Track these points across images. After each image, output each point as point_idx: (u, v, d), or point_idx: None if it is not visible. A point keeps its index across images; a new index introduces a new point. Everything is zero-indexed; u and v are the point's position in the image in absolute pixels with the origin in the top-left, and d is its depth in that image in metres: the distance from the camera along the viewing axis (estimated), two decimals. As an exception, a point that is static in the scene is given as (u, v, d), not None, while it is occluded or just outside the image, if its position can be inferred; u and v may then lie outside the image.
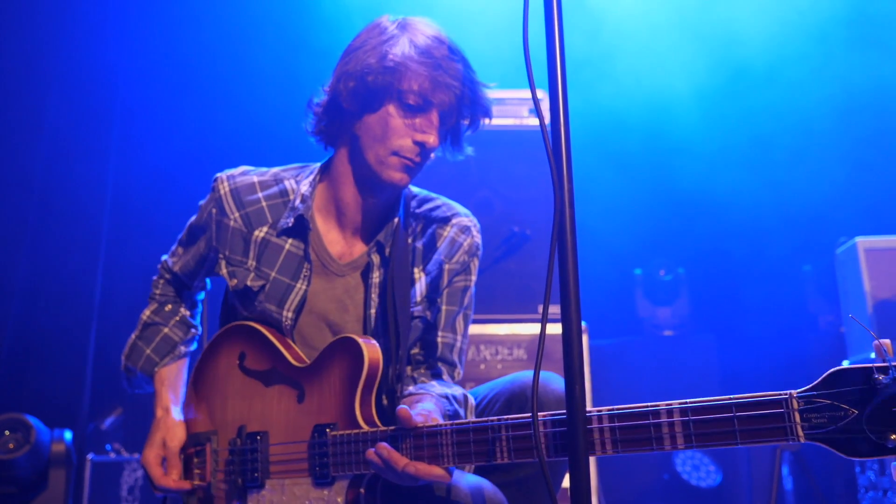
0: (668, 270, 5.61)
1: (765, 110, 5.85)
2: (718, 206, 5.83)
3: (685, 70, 5.95)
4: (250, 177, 2.25)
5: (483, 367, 3.76)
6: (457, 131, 2.19)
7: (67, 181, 4.89)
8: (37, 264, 4.77)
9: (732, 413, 1.36)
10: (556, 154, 1.41)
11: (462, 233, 2.29)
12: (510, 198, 4.01)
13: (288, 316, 2.14)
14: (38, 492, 3.65)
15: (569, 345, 1.34)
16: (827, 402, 1.27)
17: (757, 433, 1.34)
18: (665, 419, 1.43)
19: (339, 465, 1.86)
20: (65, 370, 4.70)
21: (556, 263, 1.39)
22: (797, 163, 5.71)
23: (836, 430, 1.25)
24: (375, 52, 2.04)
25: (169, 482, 2.13)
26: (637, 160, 5.92)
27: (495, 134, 4.11)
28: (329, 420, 1.92)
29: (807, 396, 1.30)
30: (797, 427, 1.30)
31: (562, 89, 1.44)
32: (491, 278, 3.91)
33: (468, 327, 2.32)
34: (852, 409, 1.24)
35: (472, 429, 1.67)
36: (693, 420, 1.40)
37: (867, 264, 4.05)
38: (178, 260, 2.38)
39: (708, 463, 5.05)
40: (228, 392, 2.15)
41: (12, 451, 3.54)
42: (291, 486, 1.95)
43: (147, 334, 2.37)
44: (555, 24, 1.46)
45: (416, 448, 1.72)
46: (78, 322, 4.79)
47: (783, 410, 1.32)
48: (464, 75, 2.07)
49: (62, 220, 4.82)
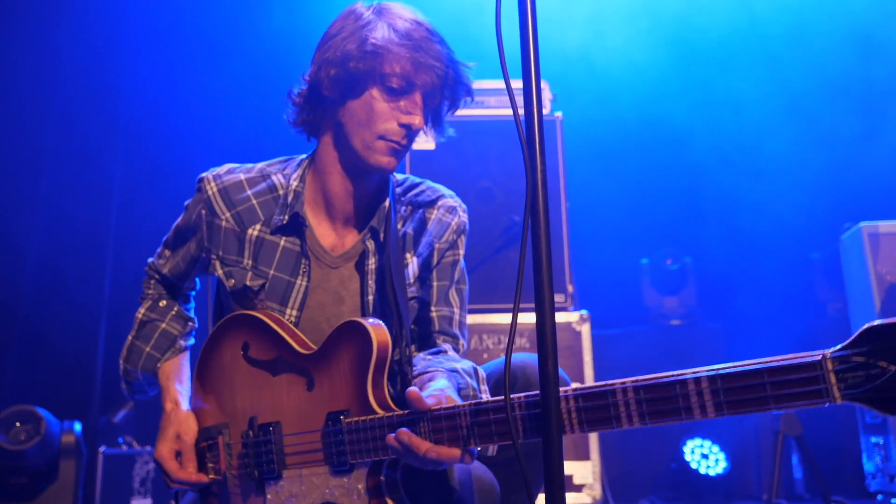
0: (674, 259, 5.61)
1: (769, 97, 5.83)
2: (725, 195, 5.82)
3: (688, 59, 5.94)
4: (237, 175, 2.23)
5: (486, 356, 3.79)
6: (438, 112, 2.18)
7: (76, 176, 4.95)
8: (47, 257, 4.82)
9: (764, 378, 1.33)
10: (530, 140, 1.43)
11: (448, 213, 2.30)
12: (510, 188, 4.03)
13: (292, 314, 2.13)
14: (48, 482, 3.70)
15: (542, 325, 1.35)
16: (862, 360, 1.23)
17: (791, 397, 1.30)
18: (692, 388, 1.40)
19: (357, 452, 1.82)
20: (76, 364, 4.76)
21: (529, 245, 1.40)
22: (804, 149, 5.69)
23: (874, 389, 1.21)
24: (355, 37, 2.04)
25: (188, 475, 2.08)
26: (643, 149, 5.92)
27: (495, 124, 4.13)
28: (342, 407, 1.88)
29: (841, 356, 1.25)
30: (833, 388, 1.26)
31: (535, 77, 1.46)
32: (492, 268, 3.94)
33: (465, 301, 2.32)
34: (891, 366, 1.21)
35: (491, 408, 1.64)
36: (723, 388, 1.37)
37: (871, 249, 4.04)
38: (165, 262, 2.35)
39: (717, 451, 5.06)
40: (235, 384, 2.10)
41: (23, 443, 3.60)
42: (310, 475, 1.92)
43: (145, 332, 2.33)
44: (528, 13, 1.48)
45: (434, 431, 1.70)
46: (89, 317, 4.84)
47: (818, 373, 1.28)
48: (444, 55, 2.07)
49: (72, 213, 4.87)
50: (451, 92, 2.12)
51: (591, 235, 5.40)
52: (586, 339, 3.86)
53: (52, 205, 4.88)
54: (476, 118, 4.15)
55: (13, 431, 3.63)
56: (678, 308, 5.52)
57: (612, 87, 5.90)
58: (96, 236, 4.93)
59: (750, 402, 1.34)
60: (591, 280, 5.10)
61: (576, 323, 3.86)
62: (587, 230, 5.17)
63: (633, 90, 5.91)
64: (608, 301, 5.39)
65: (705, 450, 5.08)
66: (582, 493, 3.70)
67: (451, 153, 4.09)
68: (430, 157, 4.08)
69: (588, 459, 3.74)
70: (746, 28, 5.91)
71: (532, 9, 1.48)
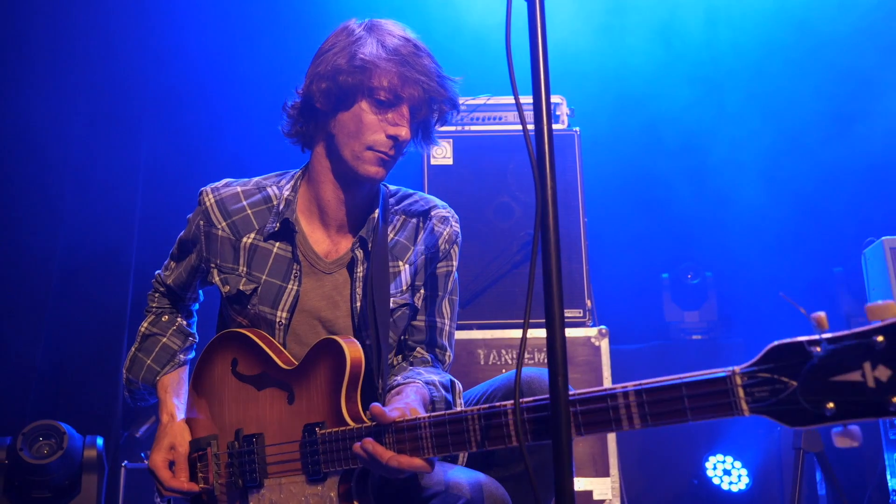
0: (695, 274, 5.57)
1: (792, 111, 5.80)
2: (746, 209, 5.79)
3: (709, 72, 5.94)
4: (234, 187, 2.35)
5: (504, 371, 3.78)
6: (427, 124, 2.28)
7: (99, 192, 5.00)
8: (70, 273, 4.88)
9: (682, 392, 1.41)
10: (539, 156, 1.44)
11: (441, 223, 2.38)
12: (529, 203, 4.03)
13: (282, 316, 2.22)
14: (71, 496, 3.74)
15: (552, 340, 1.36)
16: (767, 376, 1.31)
17: (705, 409, 1.39)
18: (622, 402, 1.49)
19: (329, 461, 1.94)
20: (99, 380, 4.80)
21: (539, 260, 1.42)
22: (827, 163, 5.65)
23: (777, 403, 1.29)
24: (345, 52, 2.16)
25: (179, 484, 2.20)
26: (664, 164, 5.90)
27: (513, 140, 4.14)
28: (318, 419, 2.01)
29: (749, 372, 1.34)
30: (741, 402, 1.34)
31: (545, 93, 1.47)
32: (511, 283, 3.93)
33: (455, 312, 2.41)
34: (791, 381, 1.28)
35: (448, 420, 1.75)
36: (647, 401, 1.45)
37: (893, 263, 4.01)
38: (170, 273, 2.48)
39: (739, 467, 5.01)
40: (224, 397, 2.23)
41: (46, 457, 3.64)
42: (288, 484, 2.04)
43: (146, 345, 2.47)
44: (538, 28, 1.49)
45: (398, 441, 1.81)
46: (111, 333, 4.89)
47: (727, 387, 1.36)
48: (430, 70, 2.17)
49: (96, 229, 4.93)
50: (438, 105, 2.22)
51: (611, 250, 5.38)
52: (605, 354, 3.85)
53: (76, 219, 4.94)
54: (494, 133, 4.17)
55: (36, 446, 3.67)
56: (699, 323, 5.48)
57: (631, 102, 5.90)
58: (119, 252, 4.99)
59: (671, 414, 1.43)
60: (610, 295, 5.09)
61: (594, 338, 3.85)
62: (607, 245, 5.16)
63: (652, 104, 5.91)
64: (628, 316, 5.37)
65: (727, 465, 5.04)
66: (602, 509, 3.69)
67: (469, 168, 4.11)
68: (448, 172, 4.09)
69: (608, 476, 3.72)
70: (767, 39, 5.89)
71: (542, 24, 1.50)
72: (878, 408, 1.19)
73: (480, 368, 3.80)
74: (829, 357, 1.25)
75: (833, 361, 1.24)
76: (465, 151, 4.13)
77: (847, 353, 1.23)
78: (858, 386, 1.21)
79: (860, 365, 1.22)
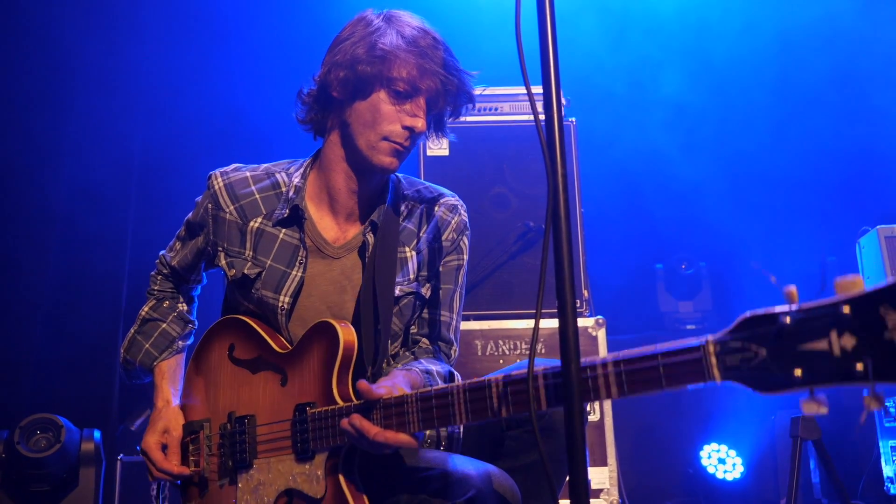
0: (689, 264, 5.60)
1: (783, 102, 5.82)
2: (740, 199, 5.81)
3: (702, 65, 5.95)
4: (243, 172, 2.36)
5: (502, 362, 3.79)
6: (440, 117, 2.28)
7: (93, 186, 4.98)
8: (65, 266, 4.87)
9: (658, 361, 1.45)
10: (550, 145, 1.45)
11: (450, 212, 2.39)
12: (525, 193, 4.03)
13: (285, 301, 2.23)
14: (68, 490, 3.73)
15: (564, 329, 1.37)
16: (739, 345, 1.34)
17: (679, 377, 1.43)
18: (600, 372, 1.52)
19: (318, 439, 1.96)
20: (95, 373, 4.79)
21: (551, 248, 1.42)
22: (820, 152, 5.67)
23: (748, 369, 1.33)
24: (364, 42, 2.15)
25: (170, 467, 2.21)
26: (657, 154, 5.91)
27: (510, 130, 4.14)
28: (309, 399, 2.03)
29: (721, 341, 1.37)
30: (713, 369, 1.37)
31: (555, 81, 1.47)
32: (507, 273, 3.94)
33: (462, 306, 2.43)
34: (761, 349, 1.32)
35: (434, 395, 1.78)
36: (625, 370, 1.49)
37: (888, 252, 4.03)
38: (175, 255, 2.48)
39: (734, 456, 5.04)
40: (220, 382, 2.26)
41: (43, 450, 3.63)
42: (276, 463, 2.06)
43: (146, 329, 2.48)
44: (547, 18, 1.49)
45: (385, 417, 1.83)
46: (107, 326, 4.88)
47: (700, 355, 1.39)
48: (448, 63, 2.17)
49: (89, 223, 4.91)
50: (454, 98, 2.22)
51: (606, 240, 5.40)
52: (602, 344, 3.86)
53: (69, 216, 4.92)
54: (490, 124, 4.16)
55: (33, 439, 3.66)
56: (693, 312, 5.51)
57: (624, 92, 5.91)
58: (114, 246, 4.98)
59: (646, 382, 1.47)
60: (606, 285, 5.10)
61: (592, 328, 3.86)
62: (602, 235, 5.17)
63: (645, 95, 5.91)
64: (623, 306, 5.39)
65: (722, 454, 5.07)
66: (599, 498, 3.70)
67: (465, 159, 4.10)
68: (445, 163, 4.09)
69: (605, 465, 3.74)
70: (757, 33, 5.90)
71: (551, 13, 1.50)
72: (843, 374, 1.23)
73: (478, 359, 3.81)
74: (798, 326, 1.28)
75: (801, 330, 1.28)
76: (462, 142, 4.12)
77: (815, 323, 1.27)
78: (825, 353, 1.25)
79: (827, 333, 1.25)
